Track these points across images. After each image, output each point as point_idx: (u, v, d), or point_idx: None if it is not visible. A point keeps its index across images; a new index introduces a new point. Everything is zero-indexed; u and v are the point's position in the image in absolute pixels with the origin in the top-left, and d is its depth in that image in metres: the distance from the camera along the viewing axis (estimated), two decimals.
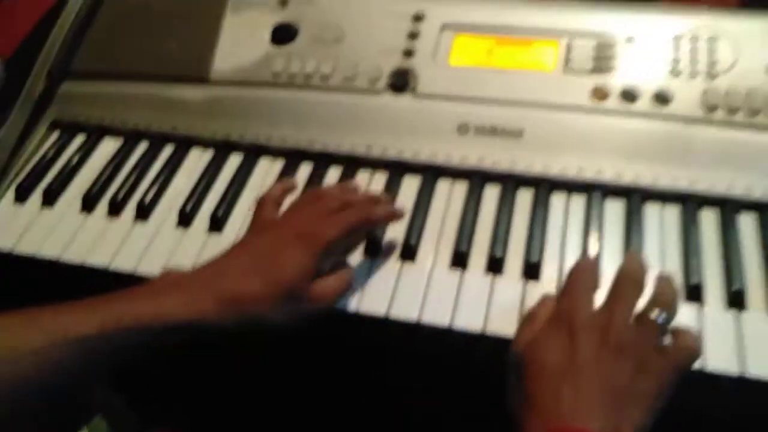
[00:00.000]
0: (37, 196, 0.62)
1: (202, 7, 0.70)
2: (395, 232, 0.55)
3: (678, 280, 0.49)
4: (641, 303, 0.43)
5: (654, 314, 0.41)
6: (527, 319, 0.45)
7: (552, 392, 0.39)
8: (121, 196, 0.60)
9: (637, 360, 0.40)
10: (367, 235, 0.54)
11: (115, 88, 0.68)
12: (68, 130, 0.67)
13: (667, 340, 0.42)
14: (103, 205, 0.60)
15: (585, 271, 0.45)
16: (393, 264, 0.53)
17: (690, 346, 0.42)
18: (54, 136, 0.67)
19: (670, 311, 0.42)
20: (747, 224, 0.53)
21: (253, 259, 0.45)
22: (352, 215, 0.49)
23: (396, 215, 0.53)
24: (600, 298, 0.43)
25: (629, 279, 0.43)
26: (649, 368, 0.40)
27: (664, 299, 0.43)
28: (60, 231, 0.58)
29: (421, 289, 0.51)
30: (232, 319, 0.42)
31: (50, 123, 0.68)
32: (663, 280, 0.44)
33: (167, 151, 0.64)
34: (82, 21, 0.72)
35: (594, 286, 0.44)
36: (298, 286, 0.44)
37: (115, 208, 0.60)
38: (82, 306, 0.39)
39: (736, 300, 0.49)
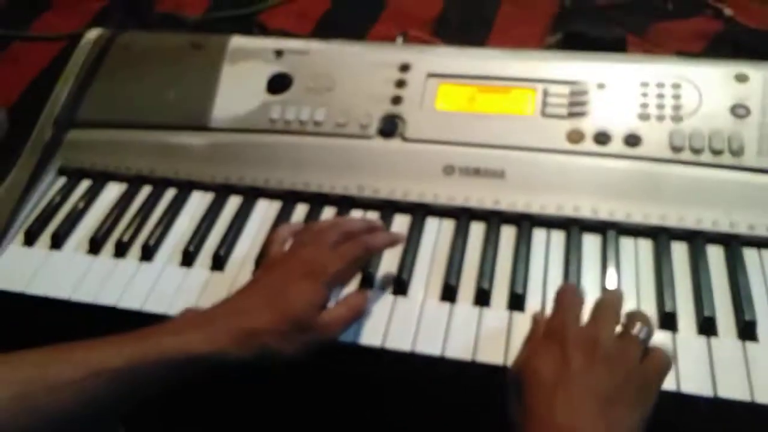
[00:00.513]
0: (45, 240, 0.64)
1: (201, 59, 0.74)
2: (388, 268, 0.58)
3: (652, 308, 0.54)
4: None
5: (635, 330, 0.46)
6: (526, 341, 0.49)
7: (547, 402, 0.42)
8: (126, 238, 0.63)
9: (623, 371, 0.43)
10: (362, 272, 0.57)
11: (119, 136, 0.71)
12: (74, 177, 0.70)
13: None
14: (109, 247, 0.63)
15: (570, 293, 0.49)
16: (387, 298, 0.56)
17: (663, 356, 0.45)
18: (60, 182, 0.70)
19: (649, 327, 0.46)
20: (715, 256, 0.57)
21: (264, 295, 0.48)
22: (354, 247, 0.53)
23: (395, 241, 0.57)
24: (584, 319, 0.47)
25: (608, 303, 0.48)
26: (634, 378, 0.43)
27: (642, 317, 0.47)
28: (69, 272, 0.61)
29: (414, 321, 0.54)
30: (249, 352, 0.45)
31: (57, 170, 0.71)
32: (636, 311, 0.49)
33: (169, 194, 0.68)
34: (86, 72, 0.76)
35: (579, 306, 0.48)
36: (308, 317, 0.47)
37: (120, 250, 0.63)
38: (111, 342, 0.42)
39: (707, 326, 0.52)
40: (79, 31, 0.83)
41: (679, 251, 0.58)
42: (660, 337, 0.51)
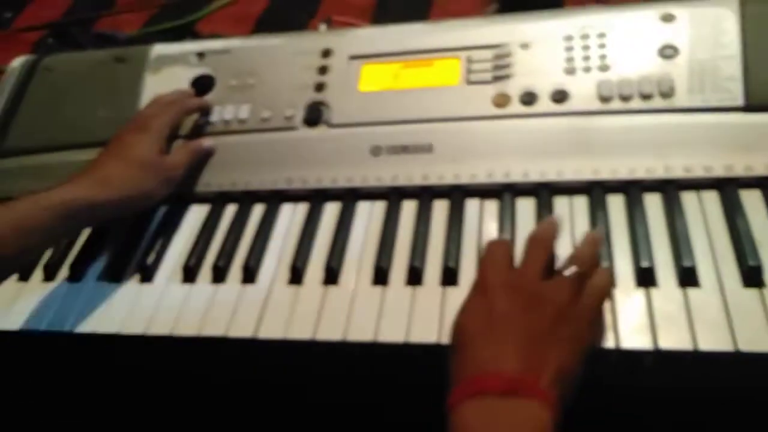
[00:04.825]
0: None
1: (124, 72, 0.73)
2: (318, 258, 0.56)
3: None
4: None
5: (567, 271, 0.45)
6: None
7: (470, 348, 0.42)
8: (54, 261, 0.62)
9: (552, 309, 0.43)
10: (294, 264, 0.56)
11: (49, 160, 0.70)
12: None
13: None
14: (38, 272, 0.62)
15: (497, 244, 0.49)
16: (317, 289, 0.54)
17: (600, 284, 0.46)
18: None
19: (582, 266, 0.45)
20: (653, 204, 0.54)
21: (112, 149, 0.60)
22: (174, 105, 0.65)
23: (205, 105, 0.68)
24: None
25: (537, 241, 0.48)
26: (566, 315, 0.43)
27: (579, 256, 0.47)
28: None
29: (345, 310, 0.53)
30: (113, 193, 0.56)
31: None
32: (585, 241, 0.48)
33: None
34: (12, 101, 0.74)
35: (503, 253, 0.48)
36: (149, 158, 0.59)
37: (49, 274, 0.61)
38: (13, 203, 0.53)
39: (645, 278, 0.50)
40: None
41: (616, 204, 0.55)
42: None
